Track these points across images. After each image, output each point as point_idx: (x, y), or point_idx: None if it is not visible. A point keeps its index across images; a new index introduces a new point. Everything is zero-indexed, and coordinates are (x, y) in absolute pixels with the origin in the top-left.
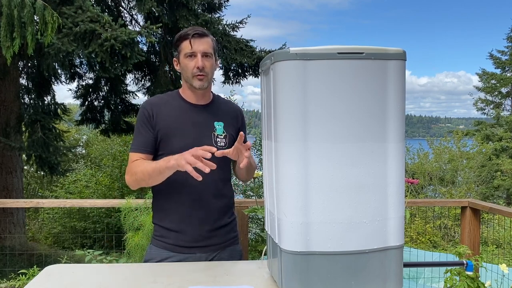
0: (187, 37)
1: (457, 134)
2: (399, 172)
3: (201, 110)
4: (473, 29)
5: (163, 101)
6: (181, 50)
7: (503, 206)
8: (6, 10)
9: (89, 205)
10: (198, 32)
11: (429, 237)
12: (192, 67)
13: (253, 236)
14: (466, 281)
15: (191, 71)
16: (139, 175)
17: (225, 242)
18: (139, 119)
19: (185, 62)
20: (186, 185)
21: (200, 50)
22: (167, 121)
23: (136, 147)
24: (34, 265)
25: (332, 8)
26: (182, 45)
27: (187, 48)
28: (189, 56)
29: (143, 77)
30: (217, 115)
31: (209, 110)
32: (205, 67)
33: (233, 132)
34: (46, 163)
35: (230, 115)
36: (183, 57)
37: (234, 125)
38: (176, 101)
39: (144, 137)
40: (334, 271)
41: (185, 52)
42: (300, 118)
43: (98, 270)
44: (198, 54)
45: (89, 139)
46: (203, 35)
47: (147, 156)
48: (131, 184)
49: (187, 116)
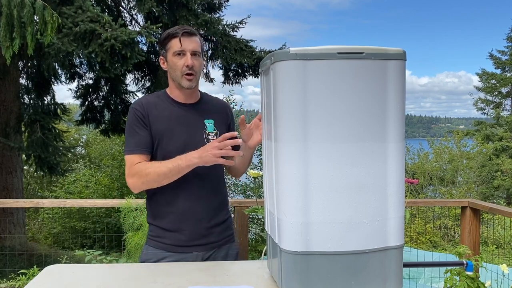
0: (176, 35)
1: (457, 134)
2: (399, 172)
3: (190, 109)
4: (474, 29)
5: (152, 101)
6: (169, 48)
7: (503, 206)
8: (6, 10)
9: (89, 205)
10: (187, 31)
11: (429, 237)
12: (181, 65)
13: (253, 236)
14: (466, 281)
15: (180, 69)
16: (151, 177)
17: (221, 240)
18: (132, 119)
19: (173, 61)
20: (181, 183)
21: (189, 48)
22: (158, 122)
23: (135, 148)
24: (34, 265)
25: (332, 8)
26: (170, 43)
27: (176, 46)
28: (178, 55)
29: (143, 77)
30: (207, 113)
31: (198, 108)
32: (194, 65)
33: (223, 129)
34: (45, 163)
35: (219, 111)
36: (172, 55)
37: (224, 122)
38: (165, 102)
39: (142, 136)
40: (334, 271)
41: (174, 50)
42: (300, 118)
43: (98, 270)
44: (188, 52)
45: (88, 139)
46: (192, 34)
47: (148, 156)
48: (137, 187)
49: (177, 117)
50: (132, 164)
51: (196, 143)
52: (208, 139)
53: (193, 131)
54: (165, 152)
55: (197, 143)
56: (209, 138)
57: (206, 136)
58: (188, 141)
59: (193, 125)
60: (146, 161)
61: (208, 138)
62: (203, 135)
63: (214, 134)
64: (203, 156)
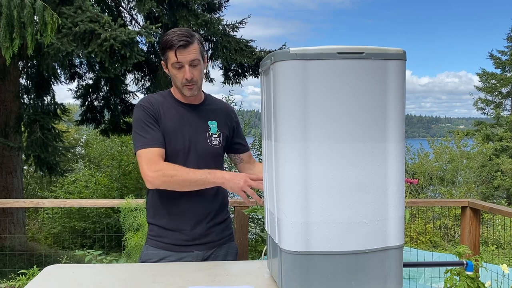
0: (172, 48)
1: (458, 134)
2: (399, 172)
3: (194, 110)
4: (475, 29)
5: (159, 100)
6: (167, 58)
7: (503, 206)
8: (6, 10)
9: (89, 205)
10: (182, 43)
11: (429, 237)
12: (181, 78)
13: (253, 236)
14: (466, 281)
15: (181, 81)
16: (176, 180)
17: (221, 239)
18: (143, 116)
19: (173, 72)
20: None
21: (187, 60)
22: (164, 121)
23: (152, 142)
24: (34, 265)
25: (334, 7)
26: (168, 54)
27: (173, 59)
28: (176, 68)
29: (143, 77)
30: (210, 114)
31: (202, 109)
32: (193, 76)
33: (226, 131)
34: (44, 163)
35: (223, 114)
36: (171, 66)
37: (227, 124)
38: (170, 101)
39: (157, 132)
40: (334, 271)
41: (172, 62)
42: (300, 118)
43: (98, 270)
44: (186, 65)
45: (88, 139)
46: (188, 44)
47: (164, 152)
48: (155, 183)
49: (181, 116)
50: (153, 157)
51: (200, 143)
52: (211, 140)
53: (196, 132)
54: (169, 152)
55: (200, 143)
56: (212, 139)
57: (209, 138)
58: (191, 142)
59: (197, 126)
60: (162, 156)
61: (211, 139)
62: (207, 136)
63: (217, 136)
64: (233, 183)
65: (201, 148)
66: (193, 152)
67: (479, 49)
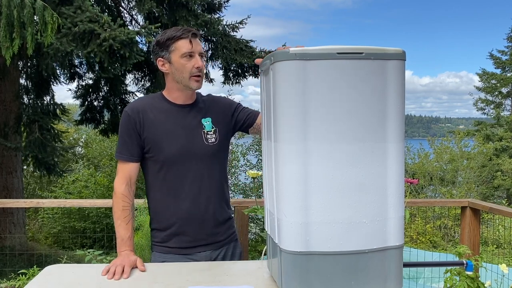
0: (184, 36)
1: (458, 134)
2: (399, 172)
3: (187, 110)
4: (475, 28)
5: (148, 105)
6: (174, 50)
7: (503, 206)
8: (6, 10)
9: (89, 205)
10: (195, 32)
11: (429, 237)
12: (190, 67)
13: (253, 236)
14: (466, 281)
15: (190, 71)
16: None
17: (227, 238)
18: (124, 124)
19: (181, 62)
20: (183, 185)
21: (198, 50)
22: (155, 125)
23: (124, 155)
24: (34, 265)
25: (334, 7)
26: (177, 44)
27: (185, 48)
28: (186, 56)
29: (142, 77)
30: (203, 111)
31: (194, 108)
32: (202, 67)
33: (222, 125)
34: (42, 163)
35: (215, 107)
36: (179, 57)
37: (222, 117)
38: (161, 104)
39: (131, 145)
40: (334, 271)
41: (183, 52)
42: (300, 118)
43: (98, 270)
44: (196, 54)
45: (87, 139)
46: (197, 36)
47: (135, 164)
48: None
49: (174, 119)
50: (121, 171)
51: (196, 144)
52: (207, 138)
53: (191, 133)
54: (166, 155)
55: (196, 143)
56: (207, 138)
57: (204, 136)
58: (187, 143)
59: (191, 126)
60: (134, 169)
61: (207, 137)
62: (202, 135)
63: (213, 132)
64: (117, 259)
65: (197, 149)
66: (190, 154)
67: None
